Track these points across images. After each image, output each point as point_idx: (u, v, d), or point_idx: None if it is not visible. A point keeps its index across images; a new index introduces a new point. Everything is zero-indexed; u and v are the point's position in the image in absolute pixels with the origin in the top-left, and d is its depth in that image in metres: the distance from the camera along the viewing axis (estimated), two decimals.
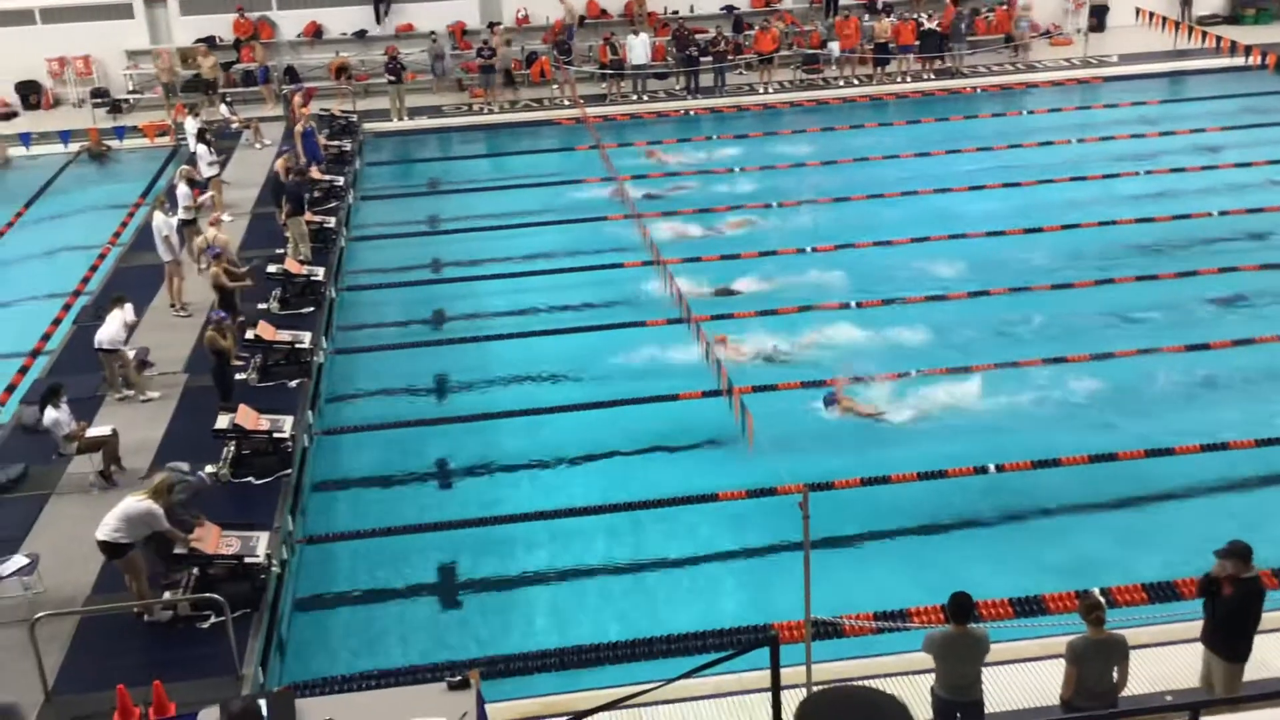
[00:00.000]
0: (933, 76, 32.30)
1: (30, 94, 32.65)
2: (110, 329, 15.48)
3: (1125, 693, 9.21)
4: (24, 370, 17.88)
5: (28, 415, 15.22)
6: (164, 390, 15.96)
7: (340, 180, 24.21)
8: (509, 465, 15.29)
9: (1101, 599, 9.30)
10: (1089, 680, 8.94)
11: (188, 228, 19.98)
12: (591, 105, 30.04)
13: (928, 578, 12.37)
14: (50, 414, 13.73)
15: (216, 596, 10.79)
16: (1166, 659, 10.55)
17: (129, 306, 16.12)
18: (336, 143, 26.51)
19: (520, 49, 32.95)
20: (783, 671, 8.71)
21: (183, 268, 18.90)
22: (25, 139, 28.86)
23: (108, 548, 11.24)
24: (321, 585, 13.22)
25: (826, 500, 13.10)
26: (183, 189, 20.34)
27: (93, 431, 14.09)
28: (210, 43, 32.44)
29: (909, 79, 32.18)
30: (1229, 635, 9.41)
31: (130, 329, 16.12)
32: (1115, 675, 9.02)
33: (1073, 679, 8.97)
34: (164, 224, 18.38)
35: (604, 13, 34.20)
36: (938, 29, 32.23)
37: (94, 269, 21.71)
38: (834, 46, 32.35)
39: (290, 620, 12.40)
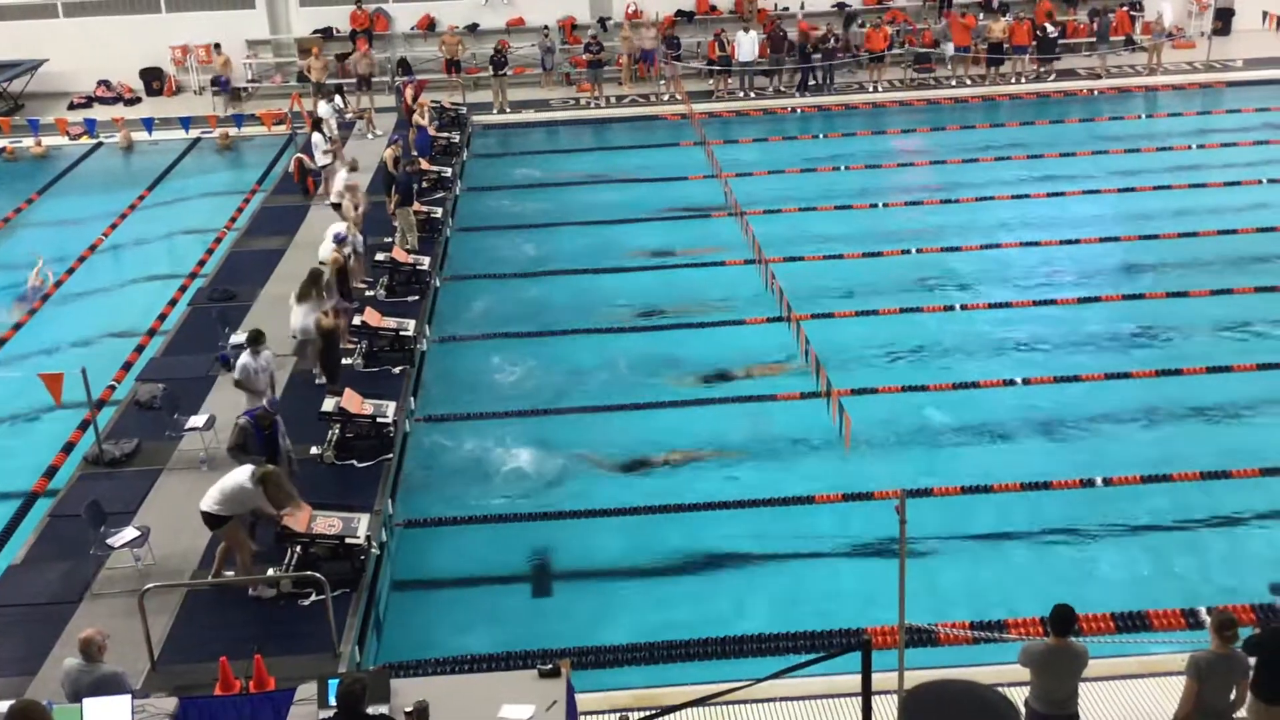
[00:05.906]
0: (1055, 76, 31.67)
1: (153, 80, 33.72)
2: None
3: None
4: (140, 349, 18.44)
5: (143, 392, 15.73)
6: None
7: (448, 171, 24.57)
8: (604, 459, 15.31)
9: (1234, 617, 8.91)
10: (1210, 698, 8.61)
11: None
12: (698, 102, 29.97)
13: (1026, 588, 12.19)
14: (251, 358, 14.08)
15: (317, 575, 11.03)
16: None
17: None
18: (445, 135, 26.89)
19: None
20: (874, 677, 8.67)
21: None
22: (148, 124, 29.72)
23: (208, 519, 11.57)
24: (418, 569, 13.42)
25: (924, 506, 12.99)
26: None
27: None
28: (327, 34, 33.15)
29: (1023, 79, 31.58)
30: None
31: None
32: (1233, 695, 8.71)
33: (1193, 695, 8.60)
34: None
35: (713, 9, 34.11)
36: (1056, 34, 31.60)
37: (210, 252, 22.31)
38: (947, 46, 31.86)
39: (387, 601, 12.62)
